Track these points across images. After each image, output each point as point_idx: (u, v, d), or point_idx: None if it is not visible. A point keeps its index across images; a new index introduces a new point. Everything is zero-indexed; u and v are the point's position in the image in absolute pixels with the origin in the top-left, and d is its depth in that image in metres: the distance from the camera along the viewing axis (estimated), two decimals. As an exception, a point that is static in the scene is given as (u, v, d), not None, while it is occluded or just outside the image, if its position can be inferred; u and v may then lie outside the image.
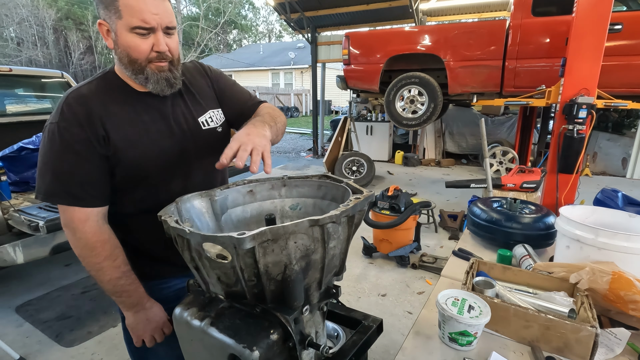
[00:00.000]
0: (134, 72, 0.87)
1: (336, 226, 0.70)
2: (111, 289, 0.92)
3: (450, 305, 0.87)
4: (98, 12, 0.84)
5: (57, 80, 3.88)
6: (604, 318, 0.94)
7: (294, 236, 0.65)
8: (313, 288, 0.76)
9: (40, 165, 0.86)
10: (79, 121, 0.84)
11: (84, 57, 27.49)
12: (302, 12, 7.50)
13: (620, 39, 3.51)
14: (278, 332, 0.69)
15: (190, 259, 0.74)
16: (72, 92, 0.87)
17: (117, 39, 0.84)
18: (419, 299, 2.66)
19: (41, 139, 0.88)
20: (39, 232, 2.00)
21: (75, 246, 0.88)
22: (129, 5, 0.79)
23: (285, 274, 0.68)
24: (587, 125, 2.68)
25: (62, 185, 0.85)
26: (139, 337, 0.98)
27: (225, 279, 0.71)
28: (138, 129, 0.91)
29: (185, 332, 0.77)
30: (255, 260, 0.64)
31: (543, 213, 1.40)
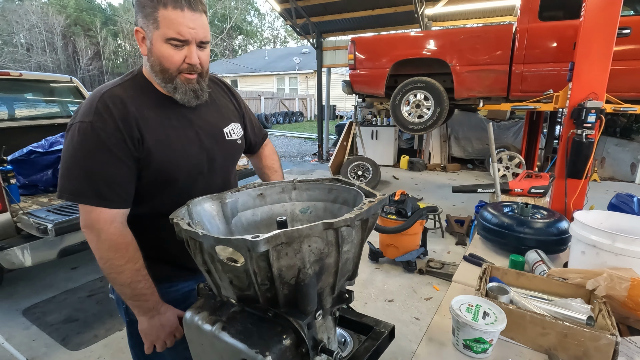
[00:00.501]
0: (163, 81, 0.89)
1: (350, 230, 0.69)
2: (130, 292, 0.90)
3: (464, 312, 0.85)
4: (136, 20, 0.87)
5: (66, 85, 3.93)
6: (622, 326, 0.92)
7: (308, 239, 0.64)
8: (326, 293, 0.75)
9: (68, 164, 0.84)
10: (114, 121, 0.84)
11: (92, 63, 27.87)
12: (308, 18, 7.56)
13: (629, 43, 3.49)
14: (291, 337, 0.68)
15: (202, 262, 0.73)
16: (106, 91, 0.87)
17: (151, 48, 0.86)
18: (426, 305, 2.63)
19: (68, 137, 0.85)
20: (47, 235, 2.01)
21: (98, 248, 0.86)
22: (168, 18, 0.82)
23: (299, 278, 0.67)
24: (596, 130, 2.65)
25: (91, 185, 0.84)
26: (151, 343, 0.97)
27: (237, 282, 0.70)
28: (169, 133, 0.92)
29: (195, 336, 0.76)
30: (269, 263, 0.63)
31: (556, 218, 1.38)
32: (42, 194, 2.69)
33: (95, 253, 0.87)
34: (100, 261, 0.88)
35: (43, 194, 2.70)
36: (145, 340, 0.96)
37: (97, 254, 0.87)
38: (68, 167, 0.84)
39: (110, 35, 30.05)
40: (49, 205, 2.38)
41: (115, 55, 31.70)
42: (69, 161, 0.84)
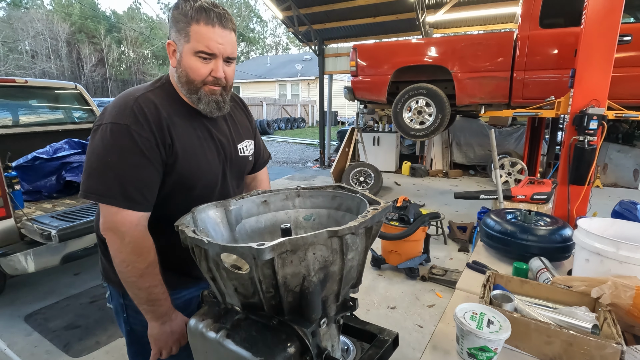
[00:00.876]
0: (189, 91, 0.93)
1: (355, 237, 0.70)
2: (146, 297, 0.90)
3: (468, 320, 0.85)
4: (169, 34, 0.92)
5: (70, 91, 3.97)
6: (627, 334, 0.91)
7: (312, 247, 0.65)
8: (330, 300, 0.75)
9: (97, 164, 0.84)
10: (150, 125, 0.86)
11: (96, 69, 28.14)
12: (310, 25, 7.63)
13: (630, 50, 3.50)
14: (295, 345, 0.68)
15: (207, 269, 0.73)
16: (140, 95, 0.89)
17: (181, 60, 0.90)
18: (429, 312, 2.61)
19: (97, 137, 0.86)
20: (50, 241, 2.01)
21: (120, 251, 0.86)
22: (199, 33, 0.87)
23: (304, 286, 0.67)
24: (598, 137, 2.65)
25: (122, 187, 0.84)
26: (159, 349, 0.96)
27: (242, 290, 0.71)
28: (194, 142, 0.95)
29: (200, 343, 0.76)
30: (274, 271, 0.64)
31: (559, 225, 1.38)
32: (46, 200, 2.70)
33: (116, 256, 0.87)
34: (121, 264, 0.87)
35: (47, 200, 2.71)
36: (153, 346, 0.96)
37: (119, 256, 0.87)
38: (97, 168, 0.85)
39: (114, 42, 30.38)
40: (53, 211, 2.40)
41: (119, 62, 32.02)
42: (98, 162, 0.85)
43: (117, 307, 1.10)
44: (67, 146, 2.84)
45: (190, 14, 0.86)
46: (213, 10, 0.87)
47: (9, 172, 2.40)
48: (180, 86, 0.94)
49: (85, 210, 2.36)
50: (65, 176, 2.71)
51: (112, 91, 28.97)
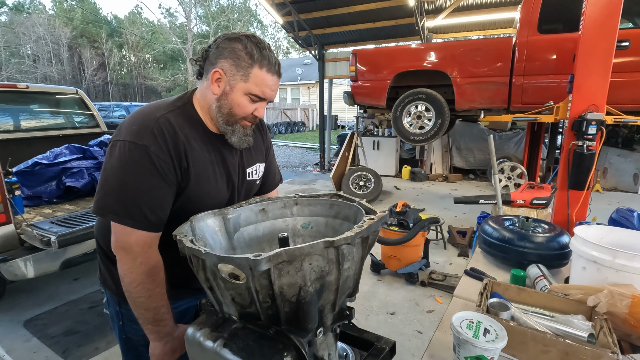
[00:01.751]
0: (226, 122, 0.94)
1: (351, 247, 0.70)
2: (152, 317, 0.90)
3: (465, 328, 0.85)
4: (218, 62, 0.90)
5: (71, 96, 3.99)
6: (624, 343, 0.91)
7: (309, 258, 0.65)
8: (327, 310, 0.76)
9: (114, 183, 0.85)
10: (168, 148, 0.87)
11: (97, 73, 28.26)
12: (310, 30, 7.67)
13: (628, 55, 3.52)
14: (292, 355, 0.68)
15: (204, 279, 0.74)
16: (161, 117, 0.89)
17: (229, 93, 0.91)
18: (428, 318, 2.61)
19: (115, 154, 0.85)
20: (50, 247, 2.02)
21: (131, 271, 0.86)
22: (259, 77, 0.90)
23: (300, 296, 0.68)
24: (597, 142, 2.65)
25: (138, 209, 0.84)
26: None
27: (239, 299, 0.71)
28: (207, 167, 0.96)
29: (197, 352, 0.77)
30: (271, 281, 0.64)
31: (557, 232, 1.38)
32: (46, 206, 2.71)
33: (126, 275, 0.87)
34: (131, 284, 0.87)
35: (47, 205, 2.72)
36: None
37: (130, 276, 0.86)
38: (114, 187, 0.85)
39: (115, 47, 30.52)
40: (53, 217, 2.40)
41: (120, 66, 32.16)
42: (115, 181, 0.85)
43: (113, 315, 1.10)
44: (67, 151, 2.85)
45: (257, 57, 0.88)
46: (274, 59, 0.92)
47: (9, 178, 2.41)
48: (217, 115, 0.94)
49: (85, 216, 2.36)
50: (65, 181, 2.72)
51: (113, 95, 29.08)
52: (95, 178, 2.84)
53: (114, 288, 1.02)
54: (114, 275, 0.97)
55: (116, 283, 0.96)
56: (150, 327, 0.92)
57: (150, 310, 0.89)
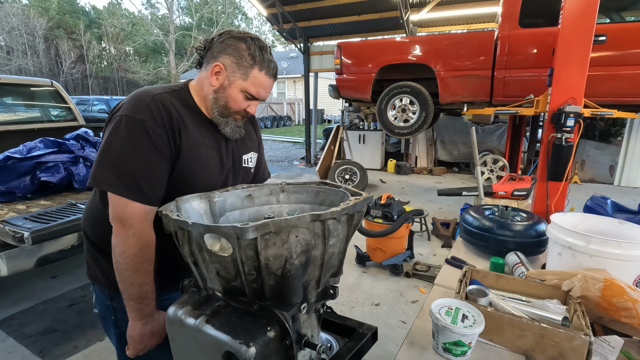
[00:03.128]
0: (220, 114, 1.00)
1: (336, 223, 0.71)
2: (136, 293, 0.90)
3: (444, 315, 0.86)
4: (220, 55, 0.95)
5: (46, 89, 3.84)
6: (597, 326, 0.94)
7: (295, 230, 0.66)
8: (311, 286, 0.76)
9: (110, 155, 0.87)
10: (163, 122, 0.90)
11: (75, 66, 27.34)
12: (295, 23, 7.59)
13: (605, 50, 3.60)
14: (275, 329, 0.68)
15: (189, 252, 0.73)
16: (157, 94, 0.93)
17: (227, 87, 0.96)
18: (412, 308, 2.64)
19: (113, 128, 0.88)
20: (23, 244, 1.94)
21: (123, 242, 0.87)
22: (257, 78, 0.96)
23: (286, 269, 0.68)
24: (575, 134, 2.72)
25: (134, 180, 0.86)
26: (137, 351, 0.95)
27: (224, 273, 0.70)
28: (200, 149, 0.98)
29: (178, 331, 0.75)
30: (257, 252, 0.64)
31: (534, 220, 1.41)
32: (20, 201, 2.61)
33: (118, 245, 0.88)
34: (120, 255, 0.87)
35: (21, 201, 2.62)
36: (131, 347, 0.95)
37: (121, 247, 0.87)
38: (110, 159, 0.87)
39: (94, 39, 29.54)
40: (27, 212, 2.31)
41: (100, 59, 31.18)
42: (112, 153, 0.87)
43: (105, 311, 1.08)
44: (42, 145, 2.74)
45: (258, 59, 0.95)
46: (273, 63, 0.99)
47: (-21, 173, 2.30)
48: (213, 105, 0.99)
49: (61, 212, 2.28)
50: (40, 176, 2.61)
51: (92, 89, 28.18)
52: (72, 172, 2.75)
53: (105, 281, 1.01)
54: (104, 267, 0.99)
55: (106, 275, 0.96)
56: (133, 304, 0.91)
57: (135, 285, 0.89)
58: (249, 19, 35.47)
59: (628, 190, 6.19)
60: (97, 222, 0.99)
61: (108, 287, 1.01)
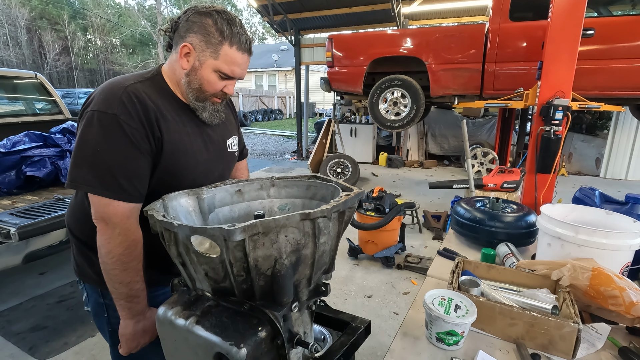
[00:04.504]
0: (196, 98, 0.95)
1: (327, 221, 0.70)
2: (126, 292, 0.88)
3: (437, 305, 0.87)
4: (187, 37, 0.88)
5: (30, 81, 3.73)
6: (585, 314, 0.96)
7: (284, 230, 0.64)
8: (302, 285, 0.75)
9: (86, 153, 0.83)
10: (139, 116, 0.84)
11: (60, 58, 26.62)
12: (285, 15, 7.49)
13: (593, 43, 3.65)
14: (266, 329, 0.67)
15: (176, 254, 0.71)
16: (129, 85, 0.87)
17: (198, 68, 0.90)
18: (404, 300, 2.68)
19: (85, 125, 0.83)
20: (10, 240, 1.90)
21: (109, 242, 0.84)
22: (229, 55, 0.89)
23: (275, 269, 0.67)
24: (563, 127, 2.76)
25: (112, 178, 0.82)
26: (130, 349, 0.94)
27: (213, 274, 0.69)
28: (183, 138, 0.94)
29: (168, 332, 0.74)
30: (245, 253, 0.63)
31: (524, 212, 1.43)
32: (5, 197, 2.55)
33: (103, 245, 0.85)
34: (107, 255, 0.85)
35: (6, 196, 2.56)
36: (124, 345, 0.94)
37: (106, 247, 0.85)
38: (86, 157, 0.83)
39: (79, 30, 28.75)
40: (13, 208, 2.26)
41: (85, 51, 30.40)
42: (87, 151, 0.83)
43: (97, 308, 1.05)
44: (27, 139, 2.67)
45: (227, 34, 0.87)
46: (245, 36, 0.91)
47: (-39, 168, 2.23)
48: (186, 88, 0.93)
49: (48, 207, 2.24)
50: (25, 171, 2.55)
51: (78, 81, 27.52)
52: (58, 167, 2.69)
53: (95, 277, 0.98)
54: (94, 263, 0.94)
55: (96, 271, 0.93)
56: (123, 303, 0.89)
57: (124, 284, 0.87)
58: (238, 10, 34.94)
59: (613, 182, 6.34)
60: (83, 219, 0.96)
61: (99, 283, 0.98)
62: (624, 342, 0.89)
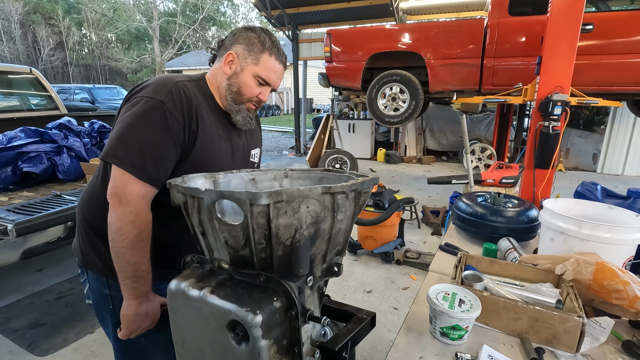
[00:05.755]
0: (233, 101, 1.03)
1: (345, 199, 0.72)
2: (132, 272, 0.90)
3: (441, 300, 0.87)
4: (232, 46, 1.01)
5: (25, 76, 3.69)
6: (587, 308, 0.96)
7: (306, 200, 0.66)
8: (318, 260, 0.76)
9: (125, 131, 0.88)
10: (182, 108, 0.92)
11: (54, 53, 26.31)
12: (283, 9, 7.44)
13: (591, 38, 3.65)
14: (281, 300, 0.68)
15: (198, 222, 0.72)
16: (179, 81, 0.96)
17: (239, 73, 1.01)
18: (404, 295, 2.68)
19: (132, 106, 0.91)
20: (7, 236, 1.88)
21: (120, 219, 0.86)
22: (268, 62, 1.01)
23: (295, 239, 0.68)
24: (561, 122, 2.76)
25: (141, 158, 0.87)
26: (130, 331, 0.95)
27: (233, 242, 0.70)
28: (214, 139, 1.02)
29: (180, 304, 0.73)
30: (269, 220, 0.64)
31: (526, 207, 1.43)
32: (2, 193, 2.52)
33: (114, 222, 0.87)
34: (116, 232, 0.87)
35: (2, 192, 2.53)
36: (124, 327, 0.94)
37: (117, 224, 0.87)
38: (124, 134, 0.88)
39: (74, 25, 28.40)
40: (9, 204, 2.24)
41: (80, 46, 30.06)
42: (127, 128, 0.88)
43: (100, 300, 1.06)
44: (22, 135, 2.64)
45: (268, 45, 1.01)
46: (282, 51, 1.05)
47: (-43, 164, 2.21)
48: (225, 92, 1.03)
49: (46, 203, 2.22)
50: (22, 167, 2.53)
51: (73, 77, 27.24)
52: (55, 163, 2.66)
53: (102, 266, 1.00)
54: (102, 252, 0.97)
55: (104, 260, 0.96)
56: (128, 282, 0.91)
57: (130, 264, 0.89)
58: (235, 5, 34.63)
59: (610, 177, 6.37)
60: (100, 205, 0.98)
61: (105, 273, 1.00)
62: (627, 335, 0.89)
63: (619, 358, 0.82)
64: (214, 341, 0.67)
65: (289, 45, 8.37)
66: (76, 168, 2.72)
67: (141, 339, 1.03)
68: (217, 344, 0.67)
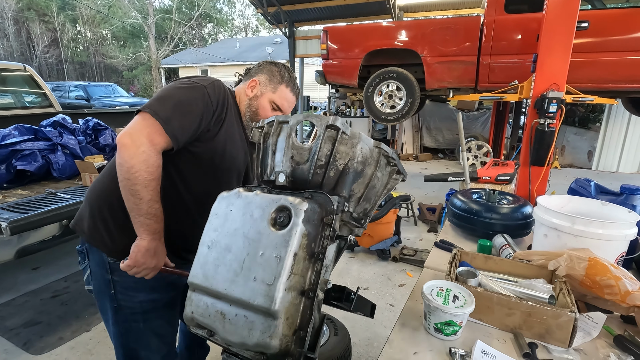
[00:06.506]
0: (250, 119, 1.20)
1: (385, 166, 0.84)
2: (147, 209, 0.94)
3: (435, 296, 0.87)
4: (257, 74, 1.21)
5: (19, 73, 3.65)
6: (580, 303, 0.97)
7: (362, 143, 0.81)
8: (353, 199, 0.84)
9: (165, 94, 1.00)
10: (218, 100, 1.07)
11: (49, 50, 26.07)
12: (280, 6, 7.41)
13: (587, 36, 3.66)
14: (322, 206, 0.74)
15: (275, 142, 0.85)
16: (219, 80, 1.12)
17: (259, 97, 1.19)
18: (400, 292, 2.70)
19: (178, 82, 1.05)
20: (2, 235, 1.87)
21: (132, 157, 0.90)
22: (284, 92, 1.21)
23: (347, 166, 0.80)
24: (557, 119, 2.77)
25: (172, 114, 0.96)
26: (136, 263, 0.96)
27: (298, 158, 0.81)
28: (234, 137, 1.15)
29: (225, 203, 0.80)
30: (334, 143, 0.78)
31: (520, 203, 1.44)
32: (-4, 191, 2.50)
33: (125, 162, 0.90)
34: (129, 171, 0.90)
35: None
36: (132, 257, 0.96)
37: (129, 162, 0.90)
38: (163, 96, 1.00)
39: (68, 22, 28.13)
40: (4, 202, 2.22)
41: (75, 43, 29.80)
42: (166, 92, 1.01)
43: (102, 285, 1.08)
44: (16, 132, 2.62)
45: (286, 78, 1.21)
46: (297, 85, 1.25)
47: (-51, 162, 2.18)
48: (246, 110, 1.20)
49: (41, 201, 2.20)
50: (16, 165, 2.51)
51: (68, 74, 27.01)
52: (49, 160, 2.64)
53: (109, 243, 1.04)
54: (112, 232, 1.04)
55: (111, 237, 1.03)
56: (142, 220, 0.94)
57: (144, 201, 0.93)
58: (231, 2, 34.44)
59: (605, 174, 6.42)
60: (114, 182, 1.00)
61: (111, 252, 1.04)
62: (619, 330, 0.90)
63: (610, 352, 0.83)
64: (250, 230, 0.73)
65: (286, 43, 8.34)
66: (71, 166, 2.70)
67: (140, 324, 1.09)
68: (253, 231, 0.73)
